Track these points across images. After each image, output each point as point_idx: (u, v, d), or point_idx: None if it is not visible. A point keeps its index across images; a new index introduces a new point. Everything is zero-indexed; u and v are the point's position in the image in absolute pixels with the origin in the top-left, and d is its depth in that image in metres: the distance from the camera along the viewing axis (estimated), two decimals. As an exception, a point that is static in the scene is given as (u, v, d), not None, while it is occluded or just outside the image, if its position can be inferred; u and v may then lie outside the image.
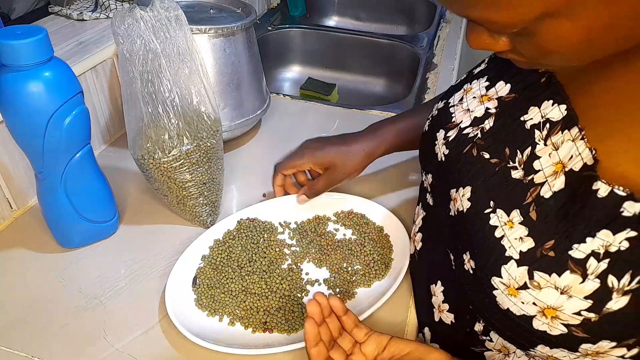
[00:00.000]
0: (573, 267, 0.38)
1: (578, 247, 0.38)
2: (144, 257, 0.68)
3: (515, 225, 0.42)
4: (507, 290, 0.42)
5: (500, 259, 0.42)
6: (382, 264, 0.66)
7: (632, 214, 0.36)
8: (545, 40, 0.34)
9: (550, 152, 0.43)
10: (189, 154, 0.65)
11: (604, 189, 0.37)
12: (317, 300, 0.50)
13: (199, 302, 0.61)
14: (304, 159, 0.73)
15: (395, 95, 1.38)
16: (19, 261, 0.67)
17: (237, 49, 0.83)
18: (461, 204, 0.48)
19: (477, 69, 0.56)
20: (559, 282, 0.39)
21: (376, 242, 0.69)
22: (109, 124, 0.89)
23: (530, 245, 0.41)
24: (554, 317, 0.40)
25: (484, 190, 0.46)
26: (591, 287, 0.38)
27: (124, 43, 0.60)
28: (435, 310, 0.56)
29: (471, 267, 0.46)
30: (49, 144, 0.57)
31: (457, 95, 0.55)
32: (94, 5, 0.95)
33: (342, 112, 1.03)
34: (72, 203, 0.63)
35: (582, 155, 0.40)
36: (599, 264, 0.37)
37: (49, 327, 0.58)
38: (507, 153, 0.46)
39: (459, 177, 0.50)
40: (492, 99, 0.50)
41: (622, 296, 0.37)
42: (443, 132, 0.54)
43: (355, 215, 0.74)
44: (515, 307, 0.42)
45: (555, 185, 0.41)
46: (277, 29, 1.39)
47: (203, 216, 0.72)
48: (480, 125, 0.50)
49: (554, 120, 0.43)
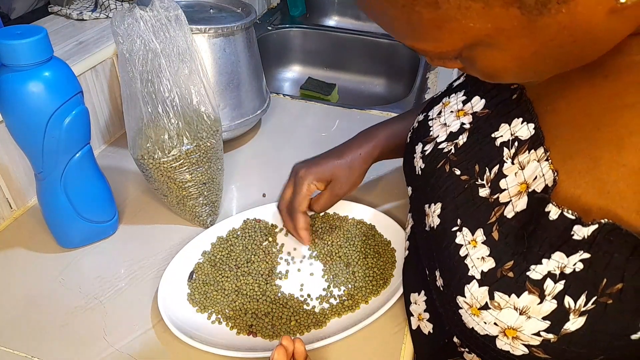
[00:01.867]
0: (531, 287, 0.38)
1: (535, 268, 0.38)
2: (143, 257, 0.68)
3: (478, 244, 0.42)
4: (470, 310, 0.42)
5: (464, 278, 0.42)
6: (381, 279, 0.64)
7: (581, 238, 0.36)
8: (482, 66, 0.35)
9: (517, 172, 0.42)
10: (188, 154, 0.65)
11: (554, 212, 0.37)
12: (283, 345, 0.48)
13: (191, 297, 0.62)
14: (306, 182, 0.67)
15: (395, 95, 1.38)
16: (18, 261, 0.67)
17: (237, 49, 0.83)
18: (432, 220, 0.48)
19: (457, 81, 0.56)
20: (518, 303, 0.39)
21: (381, 255, 0.67)
22: (109, 123, 0.89)
23: (491, 266, 0.41)
24: (515, 337, 0.40)
25: (452, 207, 0.46)
26: (549, 308, 0.38)
27: (124, 43, 0.60)
28: (413, 318, 0.56)
29: (441, 285, 0.46)
30: (48, 144, 0.57)
31: (436, 108, 0.55)
32: (94, 5, 0.95)
33: (342, 112, 1.03)
34: (71, 203, 0.63)
35: (545, 177, 0.40)
36: (556, 285, 0.37)
37: (49, 327, 0.58)
38: (477, 170, 0.46)
39: (431, 193, 0.50)
40: (468, 114, 0.50)
41: (578, 317, 0.37)
42: (421, 145, 0.54)
43: (364, 225, 0.72)
44: (479, 327, 0.42)
45: (518, 206, 0.41)
46: (277, 29, 1.39)
47: (203, 216, 0.72)
48: (455, 141, 0.50)
49: (522, 139, 0.43)
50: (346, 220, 0.73)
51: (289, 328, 0.58)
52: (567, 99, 0.41)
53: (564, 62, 0.34)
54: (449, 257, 0.44)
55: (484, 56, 0.34)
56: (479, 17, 0.30)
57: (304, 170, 0.67)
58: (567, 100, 0.41)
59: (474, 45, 0.33)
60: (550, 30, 0.30)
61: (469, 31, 0.31)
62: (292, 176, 0.69)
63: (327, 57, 1.43)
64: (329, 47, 1.41)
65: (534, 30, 0.30)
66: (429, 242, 0.49)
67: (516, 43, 0.32)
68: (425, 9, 0.31)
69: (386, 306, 0.60)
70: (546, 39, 0.31)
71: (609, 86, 0.38)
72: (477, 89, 0.51)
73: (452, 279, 0.44)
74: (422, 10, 0.31)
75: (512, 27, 0.30)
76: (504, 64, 0.34)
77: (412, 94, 1.13)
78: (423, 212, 0.51)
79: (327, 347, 0.57)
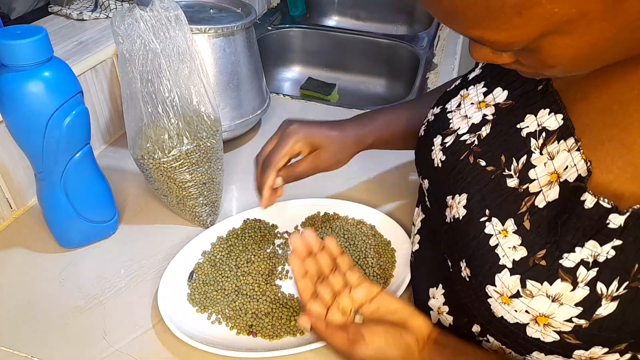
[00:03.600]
0: (564, 275, 0.39)
1: (568, 257, 0.39)
2: (143, 258, 0.68)
3: (509, 234, 0.43)
4: (501, 299, 0.42)
5: (494, 268, 0.43)
6: (382, 279, 0.64)
7: (617, 226, 0.37)
8: (548, 56, 0.34)
9: (546, 162, 0.43)
10: (188, 154, 0.65)
11: (590, 200, 0.38)
12: (304, 235, 0.50)
13: (191, 297, 0.62)
14: (293, 138, 0.62)
15: (395, 95, 1.38)
16: (18, 261, 0.67)
17: (237, 49, 0.83)
18: (457, 211, 0.48)
19: (472, 74, 0.56)
20: (551, 290, 0.40)
21: (381, 255, 0.67)
22: (109, 124, 0.89)
23: (523, 254, 0.41)
24: (547, 324, 0.40)
25: (479, 198, 0.46)
26: (581, 295, 0.38)
27: (124, 43, 0.60)
28: (432, 312, 0.56)
29: (467, 275, 0.46)
30: (48, 144, 0.57)
31: (454, 101, 0.55)
32: (94, 5, 0.95)
33: (342, 112, 1.03)
34: (71, 203, 0.63)
35: (577, 167, 0.40)
36: (589, 272, 0.38)
37: (49, 327, 0.58)
38: (503, 161, 0.46)
39: (455, 184, 0.50)
40: (490, 105, 0.50)
41: (610, 302, 0.38)
42: (440, 137, 0.54)
43: (364, 225, 0.72)
44: (509, 315, 0.42)
45: (550, 196, 0.42)
46: (277, 29, 1.39)
47: (203, 216, 0.72)
48: (477, 132, 0.50)
49: (550, 130, 0.43)
50: (346, 220, 0.73)
51: (289, 328, 0.58)
52: (597, 87, 0.41)
53: (631, 48, 0.34)
54: (478, 247, 0.45)
55: (554, 45, 0.33)
56: (565, 1, 0.30)
57: (295, 125, 0.63)
58: (598, 88, 0.41)
59: (548, 33, 0.32)
60: (631, 13, 0.30)
61: (552, 17, 0.30)
62: (280, 129, 0.65)
63: (327, 57, 1.43)
64: (329, 47, 1.41)
65: (616, 14, 0.30)
66: (453, 233, 0.49)
67: (595, 28, 0.31)
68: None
69: None
70: (624, 23, 0.31)
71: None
72: (498, 80, 0.51)
73: (481, 268, 0.44)
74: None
75: (595, 10, 0.30)
76: (575, 51, 0.33)
77: (412, 94, 1.13)
78: (444, 204, 0.51)
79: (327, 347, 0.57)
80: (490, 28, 0.33)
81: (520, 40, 0.33)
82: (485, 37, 0.34)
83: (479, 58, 0.39)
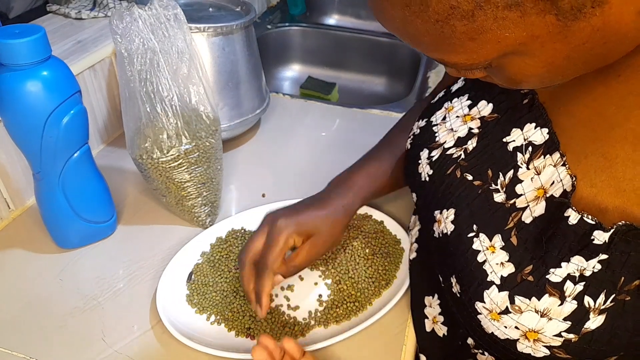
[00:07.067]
0: (551, 290, 0.39)
1: (554, 272, 0.39)
2: (142, 258, 0.67)
3: (496, 250, 0.43)
4: (490, 315, 0.42)
5: (483, 284, 0.43)
6: (384, 280, 0.63)
7: (602, 242, 0.37)
8: (512, 73, 0.35)
9: (532, 177, 0.43)
10: (187, 154, 0.65)
11: (574, 217, 0.38)
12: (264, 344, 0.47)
13: (189, 299, 0.61)
14: (284, 233, 0.56)
15: (396, 94, 1.37)
16: (16, 261, 0.66)
17: (236, 48, 0.82)
18: (445, 227, 0.48)
19: (455, 86, 0.55)
20: (539, 306, 0.39)
21: (384, 257, 0.66)
22: (107, 123, 0.88)
23: (511, 271, 0.41)
24: (537, 339, 0.40)
25: (467, 213, 0.46)
26: (569, 309, 0.38)
27: (122, 42, 0.60)
28: (427, 320, 0.56)
29: (458, 291, 0.46)
30: (46, 143, 0.57)
31: (439, 113, 0.54)
32: (92, 3, 0.95)
33: (342, 112, 1.03)
34: (70, 203, 0.63)
35: (563, 182, 0.40)
36: (575, 287, 0.38)
37: (47, 328, 0.58)
38: (490, 175, 0.46)
39: (443, 199, 0.49)
40: (475, 118, 0.50)
41: (598, 315, 0.38)
42: (427, 151, 0.53)
43: (368, 227, 0.70)
44: (499, 332, 0.42)
45: (536, 211, 0.41)
46: (276, 28, 1.39)
47: (202, 216, 0.71)
48: (464, 146, 0.49)
49: (536, 144, 0.43)
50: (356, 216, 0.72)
51: (286, 331, 0.58)
52: (581, 101, 0.41)
53: (592, 63, 0.34)
54: (466, 263, 0.44)
55: (514, 64, 0.34)
56: (515, 27, 0.30)
57: (283, 219, 0.57)
58: (582, 102, 0.41)
59: (506, 54, 0.33)
60: (584, 34, 0.30)
61: (504, 41, 0.31)
62: (266, 225, 0.57)
63: (327, 56, 1.43)
64: (329, 46, 1.41)
65: (568, 35, 0.30)
66: (442, 249, 0.49)
67: (549, 48, 0.31)
68: (460, 22, 0.30)
69: (387, 307, 0.59)
70: (579, 43, 0.31)
71: (622, 86, 0.38)
72: (482, 93, 0.50)
73: (470, 285, 0.44)
74: (456, 24, 0.30)
75: (547, 33, 0.30)
76: (534, 70, 0.34)
77: (412, 93, 1.13)
78: (431, 218, 0.51)
79: (327, 348, 0.56)
80: (448, 52, 0.34)
81: (480, 62, 0.34)
82: (445, 59, 0.35)
83: (452, 73, 0.39)
